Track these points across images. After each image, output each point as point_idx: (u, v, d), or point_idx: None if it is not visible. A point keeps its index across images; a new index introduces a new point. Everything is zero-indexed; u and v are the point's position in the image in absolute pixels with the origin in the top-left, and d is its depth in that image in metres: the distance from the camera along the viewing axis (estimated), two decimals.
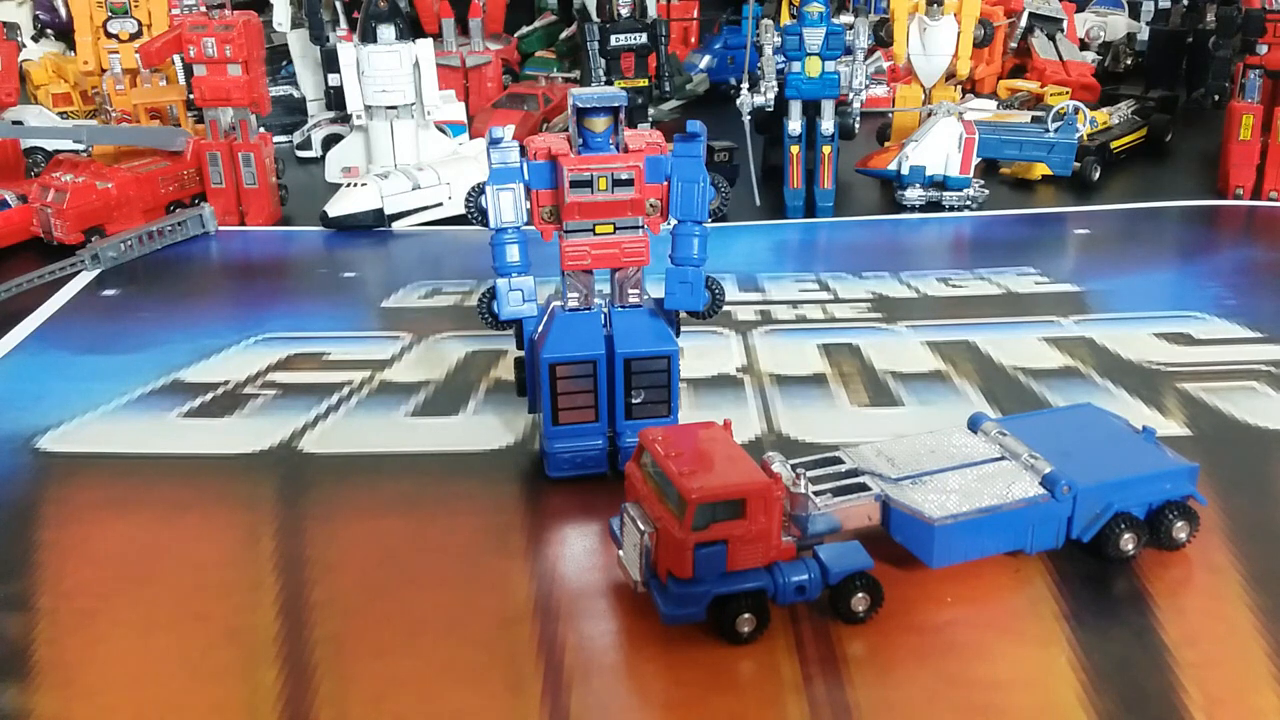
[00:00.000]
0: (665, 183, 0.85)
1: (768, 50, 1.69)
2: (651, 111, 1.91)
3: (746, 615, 0.69)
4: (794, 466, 0.75)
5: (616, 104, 0.83)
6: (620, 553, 0.74)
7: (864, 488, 0.75)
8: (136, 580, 0.81)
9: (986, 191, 1.76)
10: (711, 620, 0.69)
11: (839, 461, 0.78)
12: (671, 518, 0.67)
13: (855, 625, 0.70)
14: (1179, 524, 0.77)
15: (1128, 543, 0.75)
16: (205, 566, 0.83)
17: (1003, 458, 0.78)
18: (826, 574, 0.70)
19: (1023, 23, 2.47)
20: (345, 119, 2.04)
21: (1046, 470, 0.75)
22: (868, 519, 0.74)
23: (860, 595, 0.70)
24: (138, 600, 0.79)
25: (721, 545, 0.67)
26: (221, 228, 1.72)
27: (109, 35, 2.11)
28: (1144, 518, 0.76)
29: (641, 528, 0.70)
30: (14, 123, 1.93)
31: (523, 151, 0.85)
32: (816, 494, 0.73)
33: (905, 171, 1.74)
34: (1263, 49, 1.73)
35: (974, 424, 0.84)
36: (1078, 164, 1.84)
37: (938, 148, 1.74)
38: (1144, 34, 2.61)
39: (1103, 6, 2.75)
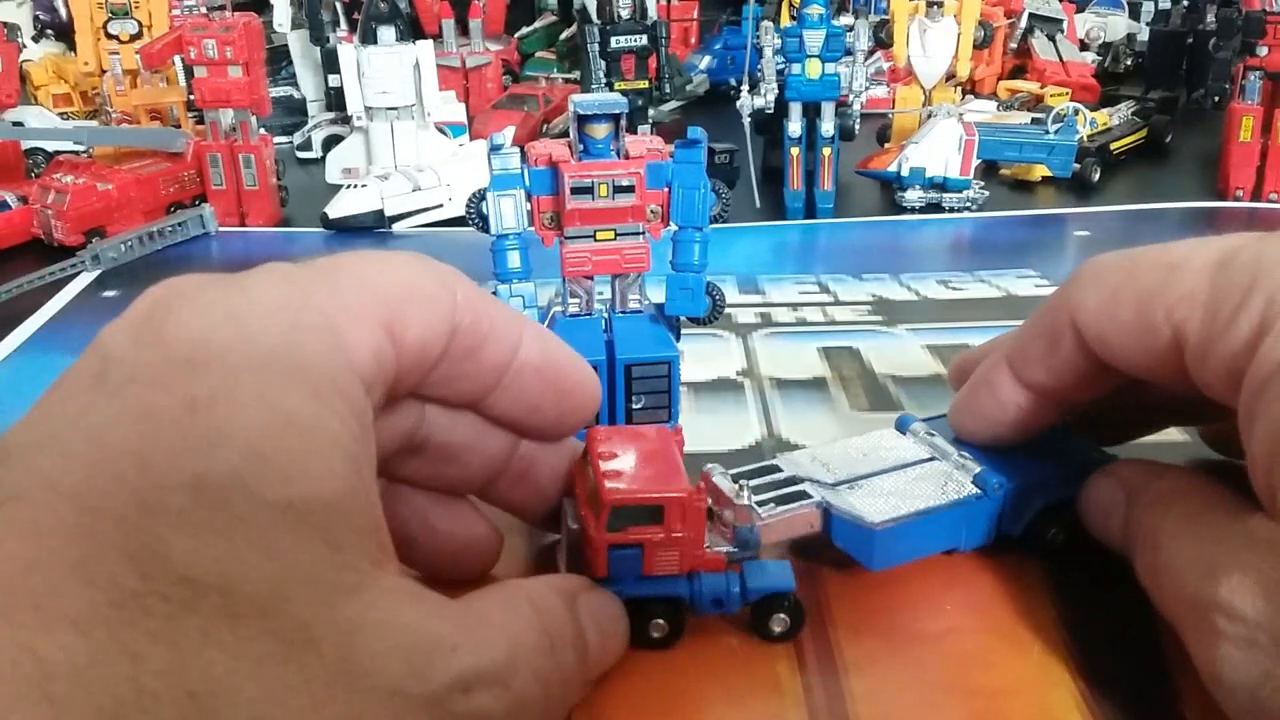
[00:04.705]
0: (666, 189, 0.85)
1: (768, 52, 1.69)
2: (651, 113, 1.92)
3: (659, 621, 0.68)
4: (735, 478, 0.74)
5: (617, 111, 0.83)
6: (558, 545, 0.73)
7: (805, 495, 0.74)
8: None
9: (986, 193, 1.76)
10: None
11: (777, 470, 0.78)
12: (592, 517, 0.66)
13: (852, 635, 0.70)
14: None
15: (1057, 535, 0.77)
16: None
17: (933, 458, 0.79)
18: (745, 591, 0.69)
19: (1022, 23, 2.48)
20: (345, 120, 2.05)
21: (977, 470, 0.76)
22: (810, 526, 0.74)
23: (779, 616, 0.69)
24: None
25: (637, 549, 0.66)
26: (222, 228, 1.72)
27: (109, 36, 2.11)
28: (1067, 507, 0.78)
29: (570, 524, 0.69)
30: (14, 124, 1.94)
31: (523, 157, 0.85)
32: (759, 504, 0.72)
33: (905, 173, 1.74)
34: (1263, 50, 1.74)
35: (902, 425, 0.85)
36: (1078, 165, 1.85)
37: (938, 149, 1.74)
38: (1144, 35, 2.61)
39: (1103, 7, 2.75)
